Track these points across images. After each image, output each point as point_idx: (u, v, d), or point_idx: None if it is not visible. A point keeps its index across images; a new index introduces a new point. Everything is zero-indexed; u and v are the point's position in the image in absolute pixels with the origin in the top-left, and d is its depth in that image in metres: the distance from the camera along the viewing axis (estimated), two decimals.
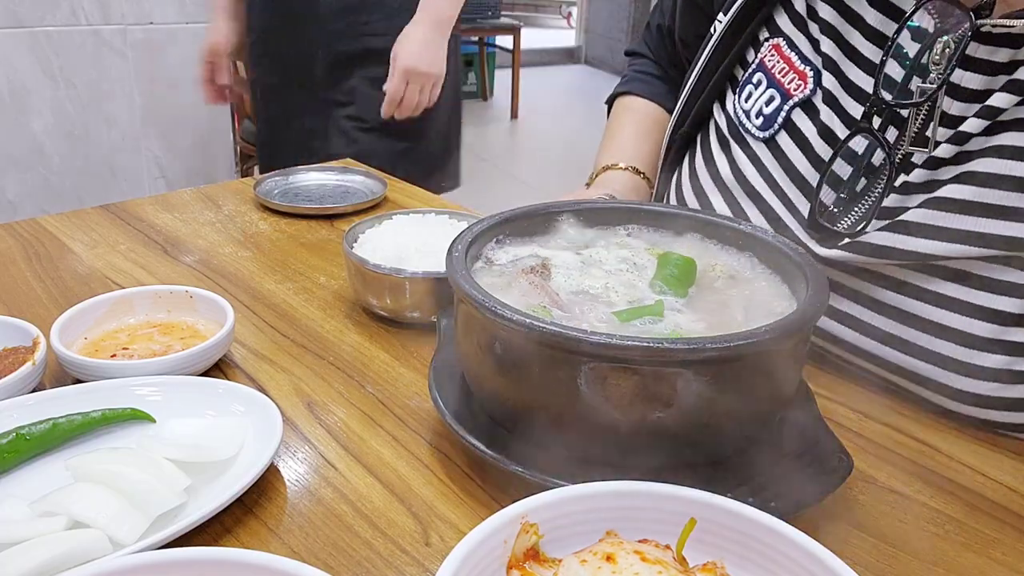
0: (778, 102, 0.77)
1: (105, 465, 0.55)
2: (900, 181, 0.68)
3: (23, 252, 0.96)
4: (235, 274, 0.93)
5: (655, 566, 0.42)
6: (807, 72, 0.75)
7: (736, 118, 0.81)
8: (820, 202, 0.72)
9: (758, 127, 0.78)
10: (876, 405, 0.71)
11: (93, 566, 0.41)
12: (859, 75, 0.72)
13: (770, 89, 0.78)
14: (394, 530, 0.55)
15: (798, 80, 0.76)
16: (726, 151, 0.82)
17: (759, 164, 0.78)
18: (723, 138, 0.83)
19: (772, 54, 0.79)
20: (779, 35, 0.79)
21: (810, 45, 0.76)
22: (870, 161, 0.70)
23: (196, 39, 1.82)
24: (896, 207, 0.68)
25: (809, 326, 0.54)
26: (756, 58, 0.81)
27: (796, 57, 0.77)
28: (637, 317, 0.59)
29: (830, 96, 0.73)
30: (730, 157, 0.81)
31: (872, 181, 0.70)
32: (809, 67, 0.75)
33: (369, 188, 1.20)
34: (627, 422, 0.53)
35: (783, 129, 0.76)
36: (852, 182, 0.71)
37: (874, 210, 0.68)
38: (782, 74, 0.77)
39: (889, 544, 0.55)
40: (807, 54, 0.76)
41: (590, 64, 7.10)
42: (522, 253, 0.69)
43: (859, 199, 0.70)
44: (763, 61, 0.80)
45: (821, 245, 0.72)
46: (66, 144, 1.70)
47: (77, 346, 0.72)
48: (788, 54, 0.77)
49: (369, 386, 0.72)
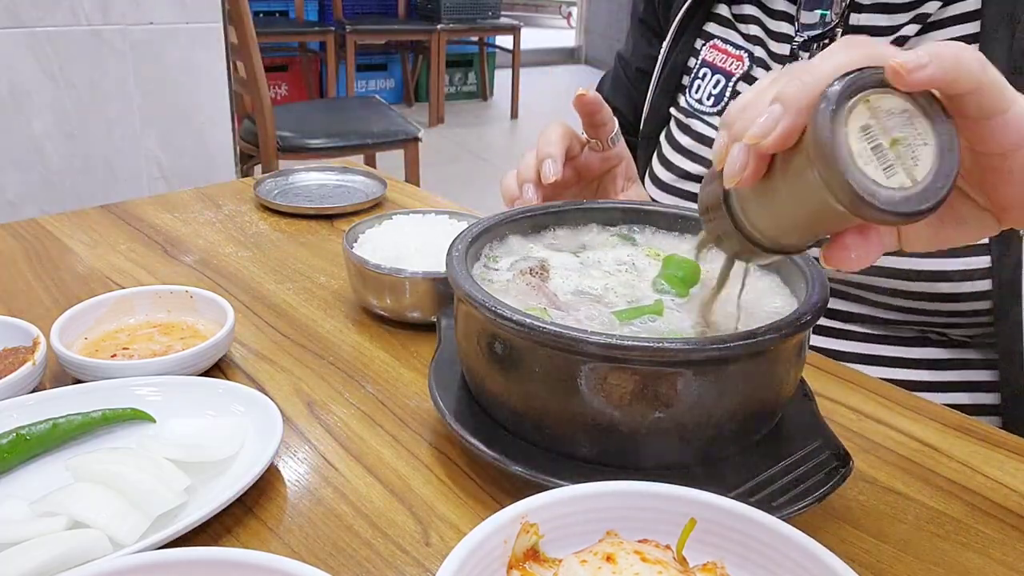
0: (724, 82, 0.93)
1: (105, 465, 0.55)
2: None
3: (23, 252, 0.96)
4: (235, 274, 0.93)
5: (655, 566, 0.42)
6: (742, 54, 0.92)
7: (690, 107, 0.96)
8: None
9: (711, 105, 0.94)
10: (876, 405, 0.71)
11: (93, 566, 0.41)
12: (779, 47, 0.89)
13: (716, 75, 0.94)
14: (394, 530, 0.55)
15: (736, 62, 0.92)
16: (687, 131, 0.96)
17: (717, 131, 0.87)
18: (682, 125, 0.97)
19: (711, 51, 0.95)
20: (713, 38, 0.96)
21: (740, 36, 0.94)
22: None
23: (196, 39, 1.82)
24: None
25: (809, 326, 0.54)
26: (698, 60, 0.97)
27: (731, 47, 0.94)
28: (637, 317, 0.59)
29: (763, 63, 0.91)
30: (692, 132, 0.95)
31: None
32: (742, 51, 0.92)
33: (369, 188, 1.20)
34: (627, 422, 0.53)
35: (732, 100, 0.85)
36: None
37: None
38: (723, 62, 0.93)
39: (889, 544, 0.55)
40: (739, 43, 0.93)
41: (590, 64, 7.10)
42: (521, 254, 0.69)
43: None
44: (704, 58, 0.96)
45: None
46: (66, 144, 1.70)
47: (77, 346, 0.72)
48: (724, 47, 0.94)
49: (369, 386, 0.72)
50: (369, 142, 2.74)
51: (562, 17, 8.45)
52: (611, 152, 0.82)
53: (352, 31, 4.68)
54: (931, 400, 0.73)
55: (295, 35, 4.86)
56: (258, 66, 2.39)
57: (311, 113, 3.03)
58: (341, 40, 4.70)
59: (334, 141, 2.65)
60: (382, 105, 3.07)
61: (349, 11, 5.03)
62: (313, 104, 3.97)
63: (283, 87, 5.00)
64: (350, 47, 4.72)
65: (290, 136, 2.59)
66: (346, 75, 4.90)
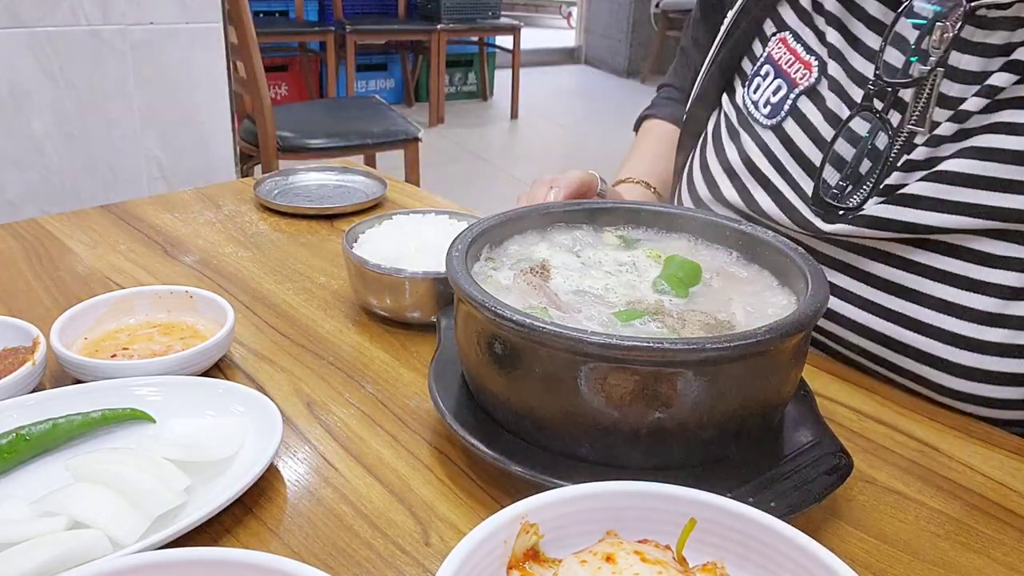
0: (785, 91, 0.80)
1: (105, 465, 0.55)
2: (903, 160, 0.70)
3: (23, 252, 0.96)
4: (235, 274, 0.93)
5: (655, 566, 0.42)
6: (812, 62, 0.78)
7: (745, 108, 0.84)
8: (824, 181, 0.74)
9: (766, 115, 0.81)
10: (876, 405, 0.71)
11: (93, 566, 0.41)
12: (861, 63, 0.75)
13: (777, 79, 0.81)
14: (394, 530, 0.55)
15: (804, 70, 0.79)
16: (735, 140, 0.84)
17: (767, 150, 0.80)
18: (732, 128, 0.86)
19: (779, 46, 0.82)
20: (785, 29, 0.83)
21: (815, 37, 0.80)
22: (874, 143, 0.72)
23: (196, 39, 1.82)
24: (899, 184, 0.70)
25: (809, 326, 0.54)
26: (764, 51, 0.84)
27: (801, 48, 0.80)
28: (637, 317, 0.59)
29: (835, 83, 0.76)
30: (739, 145, 0.83)
31: (876, 163, 0.72)
32: (814, 57, 0.79)
33: (369, 188, 1.20)
34: (627, 422, 0.53)
35: (789, 116, 0.79)
36: (855, 163, 0.73)
37: (875, 186, 0.71)
38: (788, 65, 0.80)
39: (889, 544, 0.55)
40: (812, 45, 0.79)
41: (590, 64, 7.10)
42: (522, 254, 0.69)
43: (864, 180, 0.72)
44: (770, 54, 0.83)
45: (825, 221, 0.73)
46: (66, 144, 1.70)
47: (77, 346, 0.72)
48: (794, 46, 0.81)
49: (369, 386, 0.72)
50: (369, 142, 2.74)
51: (562, 17, 8.45)
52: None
53: (352, 31, 4.68)
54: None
55: (295, 35, 4.86)
56: (258, 66, 2.39)
57: (311, 113, 3.03)
58: (341, 40, 4.70)
59: (334, 141, 2.65)
60: (382, 105, 3.07)
61: (349, 11, 5.02)
62: (313, 104, 3.97)
63: (283, 87, 5.00)
64: (350, 47, 4.71)
65: (290, 136, 2.59)
66: (346, 75, 4.90)
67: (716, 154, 0.87)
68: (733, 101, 0.87)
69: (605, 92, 6.15)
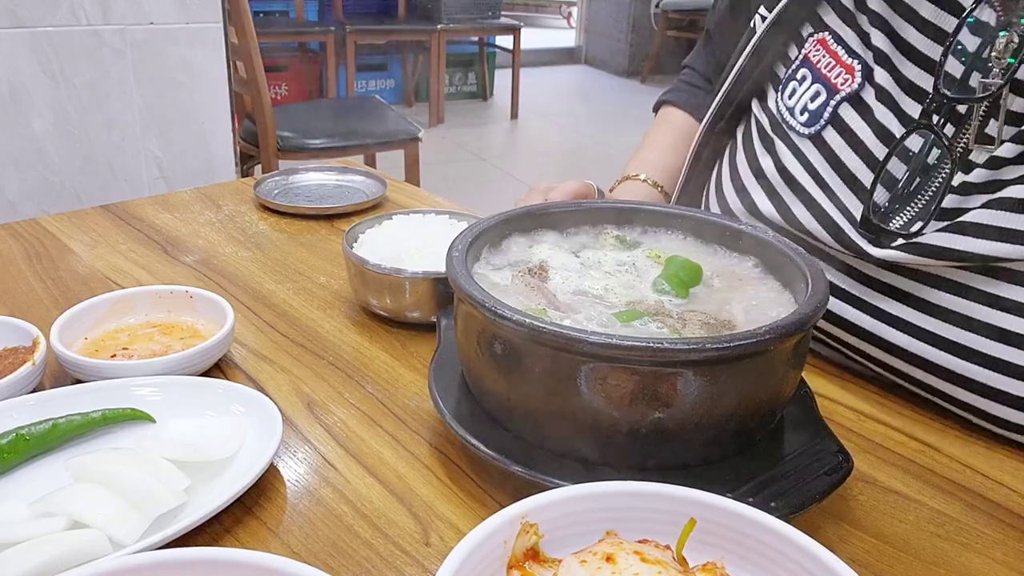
0: (824, 97, 0.74)
1: (105, 465, 0.55)
2: (959, 181, 0.65)
3: (23, 252, 0.96)
4: (235, 274, 0.93)
5: (655, 566, 0.42)
6: (855, 66, 0.72)
7: (779, 115, 0.79)
8: (873, 202, 0.69)
9: (803, 123, 0.76)
10: (876, 405, 0.71)
11: (93, 566, 0.41)
12: (914, 71, 0.69)
13: (816, 84, 0.75)
14: (394, 530, 0.55)
15: (845, 74, 0.73)
16: (769, 148, 0.79)
17: (805, 161, 0.75)
18: (766, 135, 0.80)
19: (817, 49, 0.76)
20: (824, 29, 0.76)
21: (858, 39, 0.74)
22: (925, 160, 0.67)
23: (196, 39, 1.82)
24: (954, 208, 0.65)
25: (809, 326, 0.54)
26: (800, 54, 0.78)
27: (843, 51, 0.74)
28: (637, 318, 0.59)
29: (884, 93, 0.70)
30: (774, 154, 0.78)
31: (925, 180, 0.67)
32: (857, 60, 0.73)
33: (369, 188, 1.20)
34: (627, 422, 0.53)
35: (830, 124, 0.74)
36: (906, 182, 0.68)
37: (932, 210, 0.65)
38: (828, 69, 0.74)
39: (889, 544, 0.55)
40: (855, 48, 0.73)
41: (590, 64, 7.10)
42: (521, 254, 0.69)
43: (912, 198, 0.67)
44: (807, 57, 0.77)
45: (874, 246, 0.68)
46: (66, 144, 1.70)
47: (77, 346, 0.72)
48: (835, 48, 0.75)
49: (369, 386, 0.72)
50: (369, 142, 2.74)
51: (562, 17, 8.45)
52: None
53: (352, 31, 4.68)
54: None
55: (295, 35, 4.86)
56: (258, 66, 2.39)
57: (311, 113, 3.03)
58: (341, 40, 4.70)
59: (334, 141, 2.65)
60: (382, 105, 3.07)
61: (349, 11, 5.02)
62: (313, 104, 3.97)
63: (283, 87, 5.00)
64: (350, 47, 4.71)
65: (290, 136, 2.59)
66: (346, 75, 4.90)
67: (748, 163, 0.81)
68: (765, 107, 0.82)
69: (605, 92, 6.15)
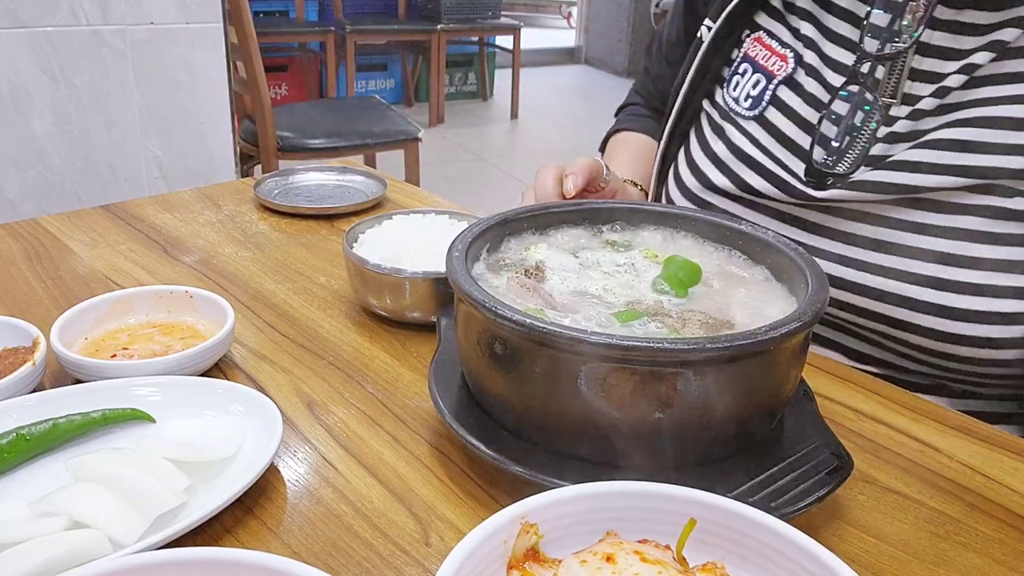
0: (764, 83, 0.86)
1: (105, 465, 0.55)
2: (884, 132, 0.77)
3: (23, 252, 0.96)
4: (235, 274, 0.93)
5: (655, 566, 0.42)
6: (787, 54, 0.84)
7: (727, 105, 0.89)
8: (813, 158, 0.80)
9: (747, 108, 0.87)
10: (876, 405, 0.71)
11: (93, 566, 0.41)
12: (836, 50, 0.82)
13: (756, 74, 0.87)
14: (394, 530, 0.55)
15: (780, 62, 0.85)
16: (719, 134, 0.89)
17: (752, 139, 0.86)
18: (716, 125, 0.90)
19: (755, 45, 0.88)
20: (759, 29, 0.88)
21: (789, 32, 0.86)
22: (852, 121, 0.78)
23: (196, 39, 1.82)
24: (883, 155, 0.77)
25: (809, 326, 0.54)
26: (740, 53, 0.89)
27: (776, 44, 0.86)
28: (636, 318, 0.59)
29: (813, 70, 0.82)
30: (724, 138, 0.88)
31: (855, 137, 0.78)
32: (789, 50, 0.85)
33: (369, 188, 1.20)
34: (627, 422, 0.53)
35: (771, 105, 0.85)
36: (839, 140, 0.79)
37: (862, 155, 0.77)
38: (765, 60, 0.86)
39: (889, 544, 0.55)
40: (786, 40, 0.86)
41: (590, 64, 7.09)
42: (520, 254, 0.69)
43: (846, 153, 0.78)
44: (747, 53, 0.88)
45: (817, 190, 0.79)
46: (66, 144, 1.70)
47: (77, 346, 0.72)
48: (769, 42, 0.87)
49: (369, 386, 0.72)
50: (369, 142, 2.74)
51: (562, 17, 8.45)
52: (605, 190, 0.87)
53: (352, 31, 4.68)
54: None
55: (295, 35, 4.86)
56: (258, 66, 2.39)
57: (311, 113, 3.03)
58: (341, 40, 4.69)
59: (334, 141, 2.65)
60: (382, 105, 3.07)
61: (349, 11, 5.02)
62: (313, 104, 3.97)
63: (283, 87, 5.00)
64: (350, 47, 4.71)
65: (290, 136, 2.59)
66: (346, 75, 4.90)
67: (702, 148, 0.91)
68: (715, 103, 0.92)
69: (605, 92, 6.15)
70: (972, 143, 0.72)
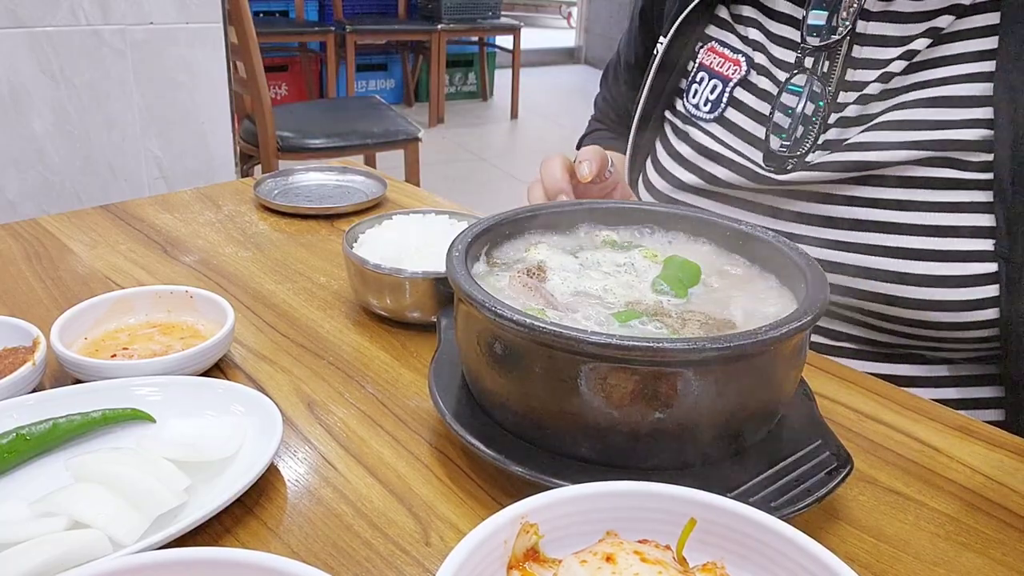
0: (721, 87, 0.91)
1: (105, 465, 0.55)
2: (835, 118, 0.82)
3: (23, 252, 0.96)
4: (235, 274, 0.93)
5: (655, 566, 0.42)
6: (739, 59, 0.90)
7: (688, 112, 0.94)
8: (768, 147, 0.85)
9: (707, 111, 0.92)
10: (876, 405, 0.71)
11: (93, 566, 0.41)
12: (782, 52, 0.88)
13: (713, 80, 0.92)
14: (394, 530, 0.55)
15: (733, 66, 0.90)
16: (684, 138, 0.94)
17: (715, 137, 0.90)
18: (679, 131, 0.95)
19: (708, 54, 0.93)
20: (711, 40, 0.94)
21: (738, 39, 0.91)
22: (804, 112, 0.83)
23: (196, 39, 1.82)
24: (840, 138, 0.81)
25: (809, 326, 0.54)
26: (695, 64, 0.95)
27: (728, 51, 0.91)
28: (636, 318, 0.59)
29: (763, 69, 0.88)
30: (689, 141, 0.93)
31: (808, 127, 0.83)
32: (740, 55, 0.90)
33: (369, 188, 1.20)
34: (627, 422, 0.53)
35: (729, 106, 0.90)
36: (792, 128, 0.84)
37: (815, 140, 0.82)
38: (720, 66, 0.91)
39: (889, 544, 0.55)
40: (737, 46, 0.91)
41: (590, 64, 7.09)
42: (520, 254, 0.69)
43: (802, 142, 0.83)
44: (702, 62, 0.94)
45: (779, 173, 0.83)
46: (66, 144, 1.70)
47: (77, 346, 0.72)
48: (721, 50, 0.92)
49: (369, 386, 0.72)
50: (369, 142, 2.74)
51: (562, 17, 8.45)
52: (608, 181, 0.88)
53: (352, 31, 4.68)
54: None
55: (295, 35, 4.86)
56: (258, 66, 2.39)
57: (311, 113, 3.03)
58: (341, 40, 4.70)
59: (334, 141, 2.65)
60: (382, 105, 3.07)
61: (349, 11, 5.02)
62: (313, 104, 3.97)
63: (283, 87, 5.00)
64: (350, 47, 4.72)
65: (290, 136, 2.59)
66: (346, 75, 4.90)
67: (667, 152, 0.96)
68: (676, 112, 0.97)
69: None
70: (919, 121, 0.76)
